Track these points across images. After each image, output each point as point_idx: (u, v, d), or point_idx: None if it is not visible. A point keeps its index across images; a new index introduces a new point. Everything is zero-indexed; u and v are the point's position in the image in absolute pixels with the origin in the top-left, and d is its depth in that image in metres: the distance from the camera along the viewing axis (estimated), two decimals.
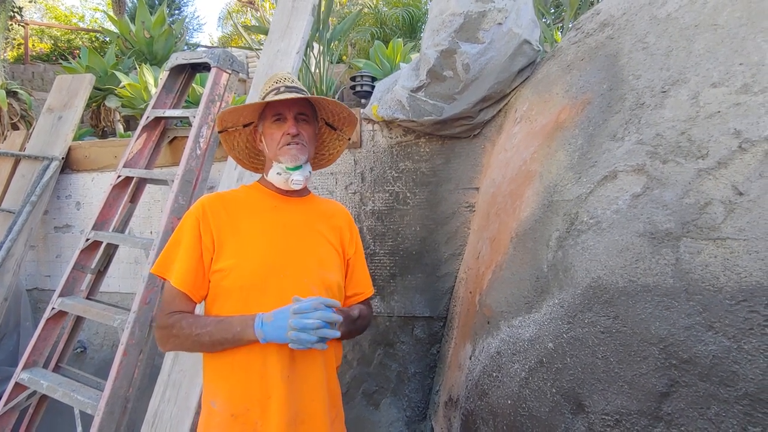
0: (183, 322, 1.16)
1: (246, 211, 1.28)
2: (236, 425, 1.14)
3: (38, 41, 11.53)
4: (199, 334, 1.13)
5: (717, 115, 1.17)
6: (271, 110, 1.29)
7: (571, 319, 1.26)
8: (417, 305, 2.50)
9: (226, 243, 1.21)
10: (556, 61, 2.04)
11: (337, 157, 1.53)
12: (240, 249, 1.21)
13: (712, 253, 1.06)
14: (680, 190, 1.15)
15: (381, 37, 6.95)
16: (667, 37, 1.46)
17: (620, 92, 1.48)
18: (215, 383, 1.19)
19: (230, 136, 1.39)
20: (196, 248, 1.20)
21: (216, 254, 1.21)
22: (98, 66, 4.78)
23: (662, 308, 1.09)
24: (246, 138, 1.41)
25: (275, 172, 1.29)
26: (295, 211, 1.32)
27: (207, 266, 1.21)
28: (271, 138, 1.28)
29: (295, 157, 1.26)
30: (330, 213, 1.40)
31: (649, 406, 1.08)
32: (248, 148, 1.44)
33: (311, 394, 1.19)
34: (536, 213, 1.54)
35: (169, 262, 1.22)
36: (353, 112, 1.36)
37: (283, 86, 1.28)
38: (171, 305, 1.19)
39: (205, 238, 1.21)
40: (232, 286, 1.18)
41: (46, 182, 3.12)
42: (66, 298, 2.49)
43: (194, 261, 1.20)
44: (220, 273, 1.19)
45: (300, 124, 1.28)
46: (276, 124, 1.28)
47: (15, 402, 2.40)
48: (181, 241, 1.22)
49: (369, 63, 4.30)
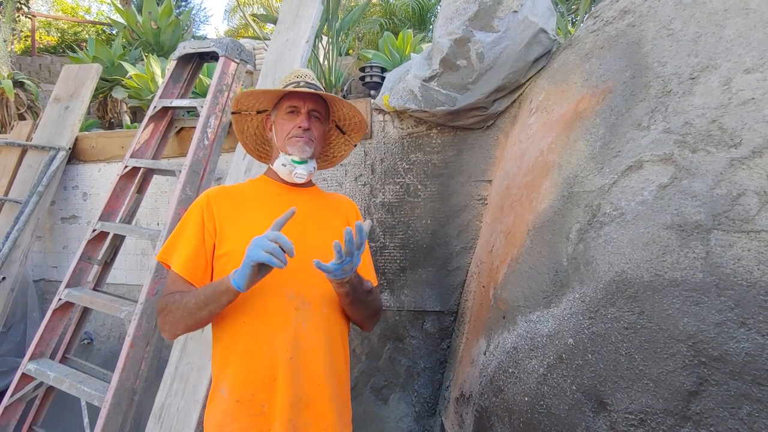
0: (176, 296, 1.17)
1: (250, 200, 1.31)
2: (242, 410, 1.14)
3: (45, 34, 11.53)
4: (187, 301, 1.14)
5: (751, 102, 1.12)
6: (286, 101, 1.32)
7: (592, 314, 1.21)
8: (427, 299, 2.46)
9: (228, 229, 1.23)
10: (573, 50, 1.98)
11: (340, 160, 1.59)
12: (242, 234, 1.20)
13: (746, 246, 1.01)
14: (711, 181, 1.10)
15: (390, 28, 6.87)
16: (694, 22, 1.40)
17: (644, 80, 1.42)
18: (223, 369, 1.19)
19: (242, 119, 1.43)
20: (198, 235, 1.22)
21: (218, 240, 1.22)
22: (105, 57, 4.75)
23: (691, 303, 1.05)
24: (257, 124, 1.45)
25: (281, 162, 1.32)
26: (299, 200, 1.32)
27: (209, 252, 1.22)
28: (282, 128, 1.32)
29: (302, 149, 1.29)
30: (336, 203, 1.44)
31: (677, 405, 1.04)
32: (257, 134, 1.49)
33: (316, 378, 1.18)
34: (555, 205, 1.49)
35: (172, 249, 1.24)
36: (365, 119, 1.40)
37: (303, 81, 1.32)
38: (171, 290, 1.21)
39: (208, 225, 1.23)
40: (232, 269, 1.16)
41: (52, 172, 3.09)
42: (73, 289, 2.47)
43: (195, 247, 1.21)
44: (224, 258, 1.21)
45: (312, 120, 1.32)
46: (289, 115, 1.31)
47: (22, 393, 2.39)
48: (184, 229, 1.24)
49: (378, 54, 4.23)
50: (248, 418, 1.14)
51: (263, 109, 1.40)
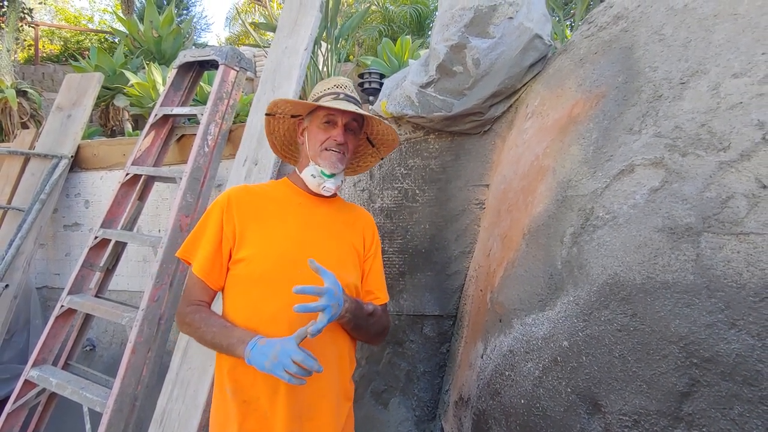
0: (196, 315, 1.20)
1: (272, 204, 1.31)
2: (249, 410, 1.16)
3: (48, 42, 11.63)
4: (204, 332, 1.17)
5: (739, 106, 1.13)
6: (323, 111, 1.30)
7: (586, 317, 1.23)
8: (426, 303, 2.47)
9: (247, 233, 1.23)
10: (568, 55, 2.00)
11: (365, 170, 1.60)
12: (260, 240, 1.23)
13: (735, 248, 1.03)
14: (701, 184, 1.11)
15: (389, 35, 6.92)
16: (684, 27, 1.42)
17: (636, 85, 1.44)
18: (231, 371, 1.20)
19: (274, 120, 1.42)
20: (217, 237, 1.23)
21: (237, 244, 1.23)
22: (107, 65, 4.80)
23: (682, 305, 1.06)
24: (287, 126, 1.45)
25: (310, 173, 1.31)
26: (320, 211, 1.34)
27: (226, 256, 1.24)
28: (316, 138, 1.30)
29: (334, 164, 1.29)
30: (354, 217, 1.43)
31: (669, 406, 1.05)
32: (286, 136, 1.48)
33: (320, 391, 1.19)
34: (549, 209, 1.51)
35: (193, 248, 1.26)
36: (398, 138, 1.41)
37: (343, 93, 1.31)
38: (191, 291, 1.24)
39: (227, 229, 1.23)
40: (248, 276, 1.20)
41: (55, 180, 3.13)
42: (75, 296, 2.49)
43: (214, 249, 1.23)
44: (240, 263, 1.22)
45: (347, 133, 1.31)
46: (324, 126, 1.30)
47: (24, 399, 2.41)
48: (206, 228, 1.25)
49: (377, 60, 4.27)
50: (256, 421, 1.16)
51: (298, 114, 1.39)
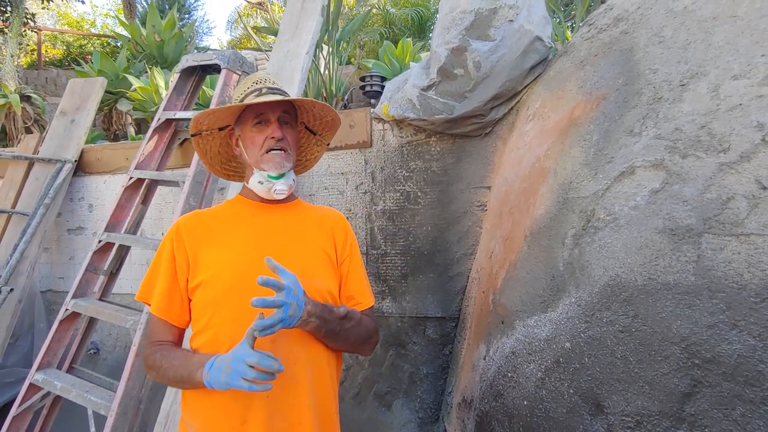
0: (157, 354, 1.10)
1: (224, 224, 1.21)
2: None
3: (51, 47, 11.68)
4: (167, 369, 1.07)
5: (738, 107, 1.14)
6: (251, 113, 1.18)
7: (588, 318, 1.23)
8: (429, 305, 2.48)
9: (200, 258, 1.14)
10: (568, 57, 2.01)
11: (315, 163, 1.45)
12: (214, 262, 1.13)
13: (736, 249, 1.03)
14: (701, 185, 1.12)
15: (390, 38, 6.94)
16: (684, 30, 1.43)
17: (637, 87, 1.45)
18: (192, 405, 1.11)
19: (203, 140, 1.28)
20: (170, 271, 1.15)
21: (191, 271, 1.14)
22: (110, 70, 4.82)
23: (684, 306, 1.07)
24: (219, 142, 1.31)
25: (257, 180, 1.20)
26: (276, 218, 1.23)
27: (183, 288, 1.15)
28: (253, 143, 1.19)
29: (279, 164, 1.18)
30: (320, 217, 1.29)
31: (671, 407, 1.05)
32: (221, 153, 1.34)
33: (296, 417, 1.07)
34: (551, 210, 1.51)
35: (149, 287, 1.18)
36: (338, 115, 1.29)
37: (265, 87, 1.20)
38: (153, 333, 1.16)
39: (179, 258, 1.15)
40: (204, 300, 1.11)
41: (59, 185, 3.14)
42: (79, 300, 2.50)
43: (169, 285, 1.14)
44: (197, 289, 1.13)
45: (284, 127, 1.19)
46: (257, 127, 1.18)
47: (29, 403, 2.42)
48: (159, 265, 1.17)
49: (378, 63, 4.29)
50: None
51: (225, 125, 1.26)
